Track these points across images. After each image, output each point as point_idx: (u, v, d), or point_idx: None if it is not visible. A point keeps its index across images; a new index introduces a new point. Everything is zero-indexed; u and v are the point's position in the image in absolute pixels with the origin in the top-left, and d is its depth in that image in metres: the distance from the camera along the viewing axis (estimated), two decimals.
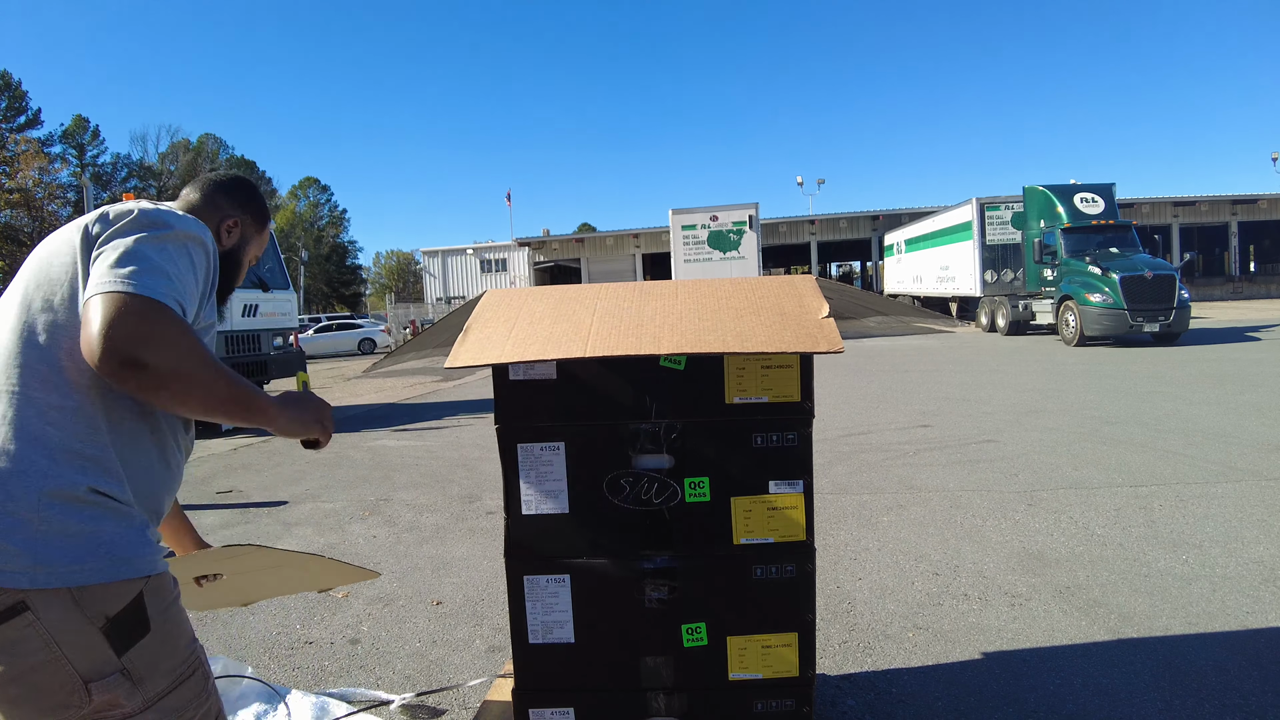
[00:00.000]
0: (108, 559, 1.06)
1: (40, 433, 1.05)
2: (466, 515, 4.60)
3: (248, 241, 1.46)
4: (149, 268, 1.07)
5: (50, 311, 1.11)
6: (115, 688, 1.05)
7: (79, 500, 1.05)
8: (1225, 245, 34.44)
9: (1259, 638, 2.57)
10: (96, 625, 1.04)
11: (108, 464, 1.09)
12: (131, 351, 1.00)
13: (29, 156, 38.07)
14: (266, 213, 1.52)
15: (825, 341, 1.36)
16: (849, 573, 3.35)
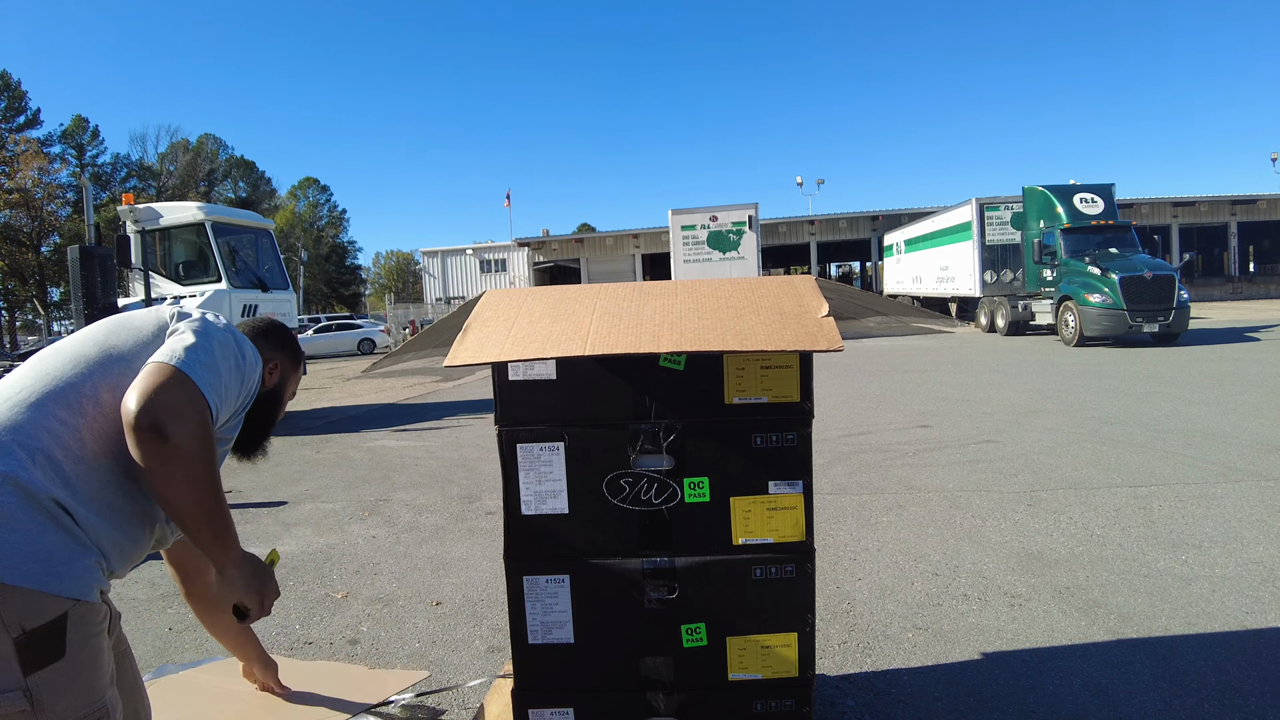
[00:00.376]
0: (43, 565, 1.03)
1: (33, 432, 1.10)
2: (466, 515, 4.60)
3: (286, 381, 1.66)
4: (207, 361, 1.21)
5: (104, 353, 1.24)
6: (13, 704, 1.00)
7: (37, 501, 1.06)
8: (1224, 245, 34.46)
9: (1258, 638, 2.57)
10: (11, 634, 1.00)
11: (79, 487, 1.11)
12: (163, 420, 1.09)
13: (28, 156, 38.04)
14: (300, 354, 1.71)
15: (825, 340, 1.36)
16: (848, 573, 3.35)
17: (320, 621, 3.08)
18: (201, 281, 8.91)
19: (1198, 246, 35.23)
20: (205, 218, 8.88)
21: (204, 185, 49.12)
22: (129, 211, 8.88)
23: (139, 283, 8.73)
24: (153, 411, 1.09)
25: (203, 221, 8.88)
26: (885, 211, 33.00)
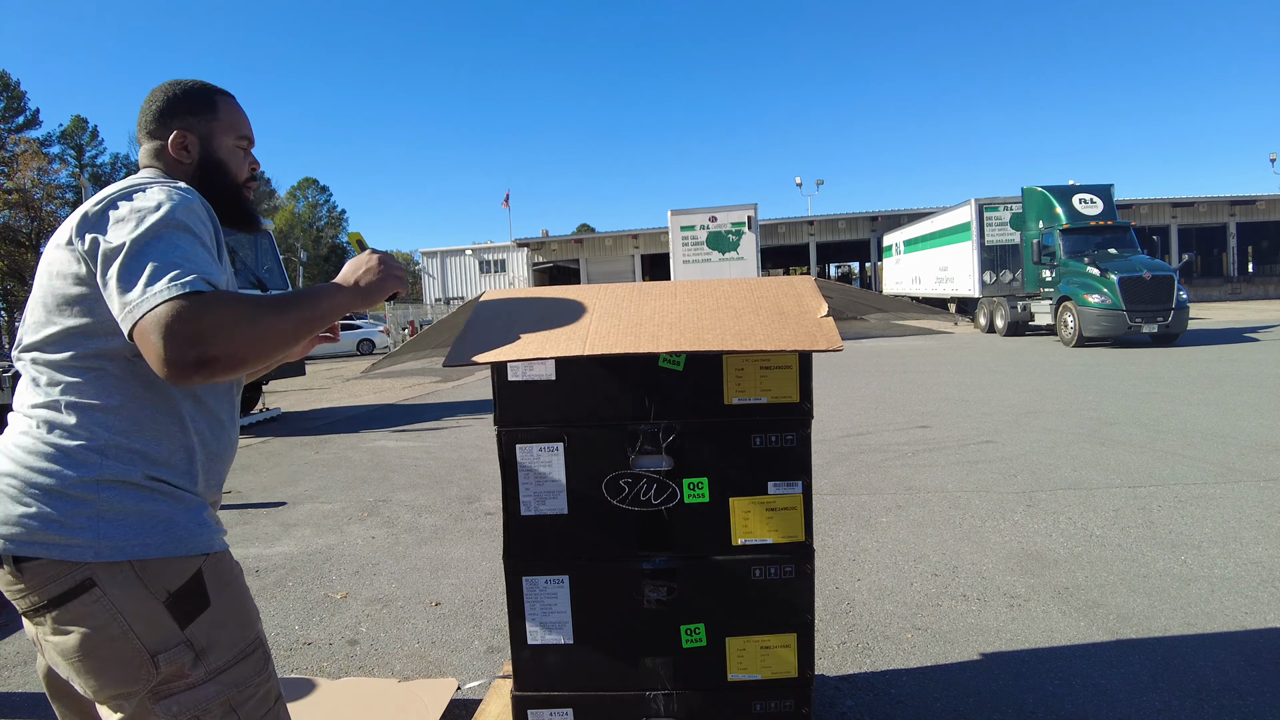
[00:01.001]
0: (165, 535, 1.12)
1: (89, 431, 1.11)
2: (465, 516, 4.60)
3: (211, 135, 1.34)
4: (161, 266, 1.04)
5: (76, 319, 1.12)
6: (180, 658, 1.11)
7: (134, 485, 1.11)
8: (1223, 246, 34.47)
9: (1257, 638, 2.58)
10: (159, 599, 1.11)
11: (156, 454, 1.14)
12: (194, 359, 1.01)
13: (28, 157, 37.99)
14: (203, 91, 1.36)
15: (824, 340, 1.35)
16: (848, 573, 3.35)
17: (320, 622, 3.08)
18: None
19: (1196, 247, 35.23)
20: None
21: None
22: None
23: None
24: (182, 365, 1.01)
25: None
26: (884, 212, 33.00)
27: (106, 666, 1.09)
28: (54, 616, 1.09)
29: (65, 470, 1.09)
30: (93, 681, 1.10)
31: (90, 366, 1.12)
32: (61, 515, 1.07)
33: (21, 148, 38.51)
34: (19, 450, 1.11)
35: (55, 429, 1.11)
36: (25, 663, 2.87)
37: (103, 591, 1.08)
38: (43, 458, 1.09)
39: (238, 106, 1.39)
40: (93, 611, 1.08)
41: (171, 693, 1.12)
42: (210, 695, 1.13)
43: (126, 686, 1.10)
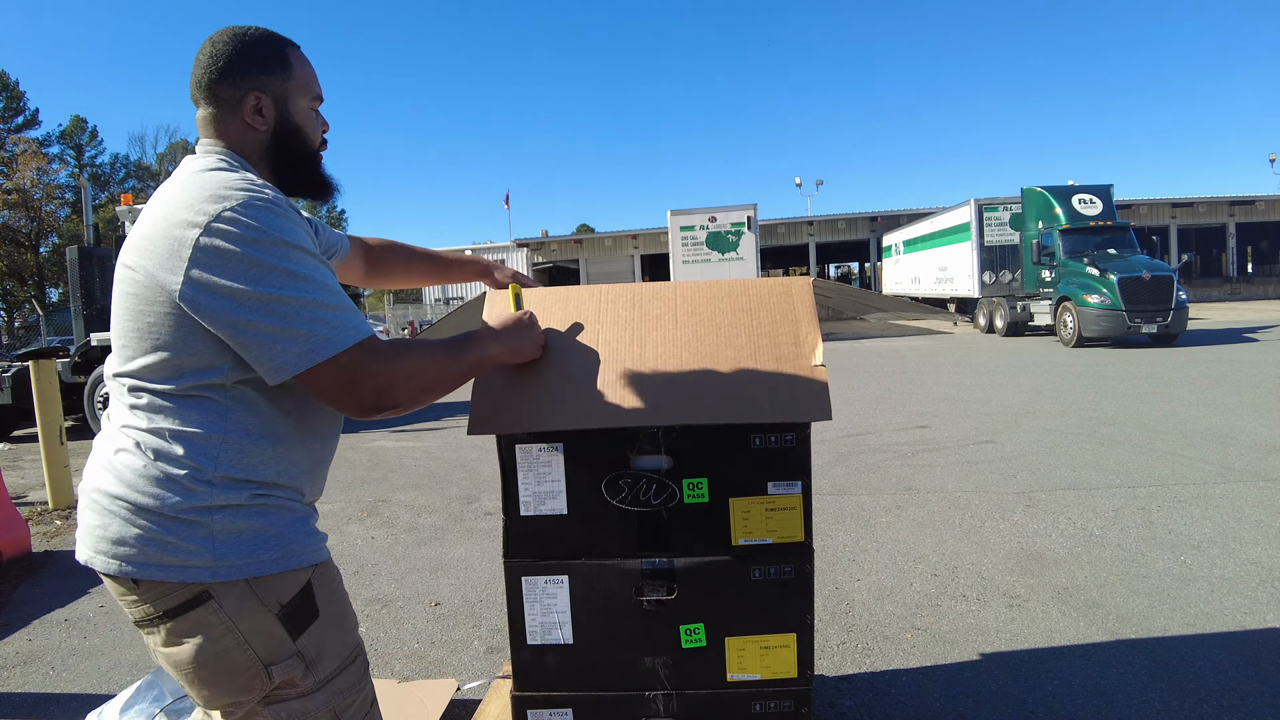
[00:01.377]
0: (279, 551, 1.13)
1: (196, 462, 1.08)
2: (465, 516, 4.60)
3: (287, 96, 1.22)
4: (322, 314, 1.05)
5: (176, 352, 1.08)
6: (292, 669, 1.13)
7: (244, 506, 1.11)
8: (1223, 246, 34.49)
9: (1256, 638, 2.58)
10: (272, 611, 1.12)
11: (262, 478, 1.13)
12: (387, 405, 1.11)
13: (27, 157, 37.97)
14: (275, 43, 1.23)
15: (819, 410, 1.41)
16: (847, 574, 3.35)
17: None
18: None
19: (1196, 247, 35.25)
20: None
21: None
22: (128, 212, 8.84)
23: None
24: (371, 410, 1.10)
25: None
26: (884, 212, 33.00)
27: (220, 677, 1.10)
28: (168, 628, 1.10)
29: (175, 497, 1.07)
30: (205, 691, 1.12)
31: (193, 396, 1.09)
32: (176, 538, 1.07)
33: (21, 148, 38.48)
34: (128, 472, 1.09)
35: (161, 457, 1.08)
36: (25, 663, 2.87)
37: (219, 605, 1.09)
38: (153, 482, 1.07)
39: (306, 59, 1.27)
40: (209, 624, 1.09)
41: (282, 699, 1.13)
42: (319, 704, 1.15)
43: (239, 696, 1.12)
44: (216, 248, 1.02)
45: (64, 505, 5.24)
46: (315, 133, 1.28)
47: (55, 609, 3.41)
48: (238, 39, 1.20)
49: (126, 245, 1.11)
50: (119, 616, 3.28)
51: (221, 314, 1.03)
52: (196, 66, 1.20)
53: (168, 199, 1.09)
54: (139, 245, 1.08)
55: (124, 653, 2.92)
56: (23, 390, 8.51)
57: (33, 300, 38.83)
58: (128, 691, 2.21)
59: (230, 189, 1.06)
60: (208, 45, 1.21)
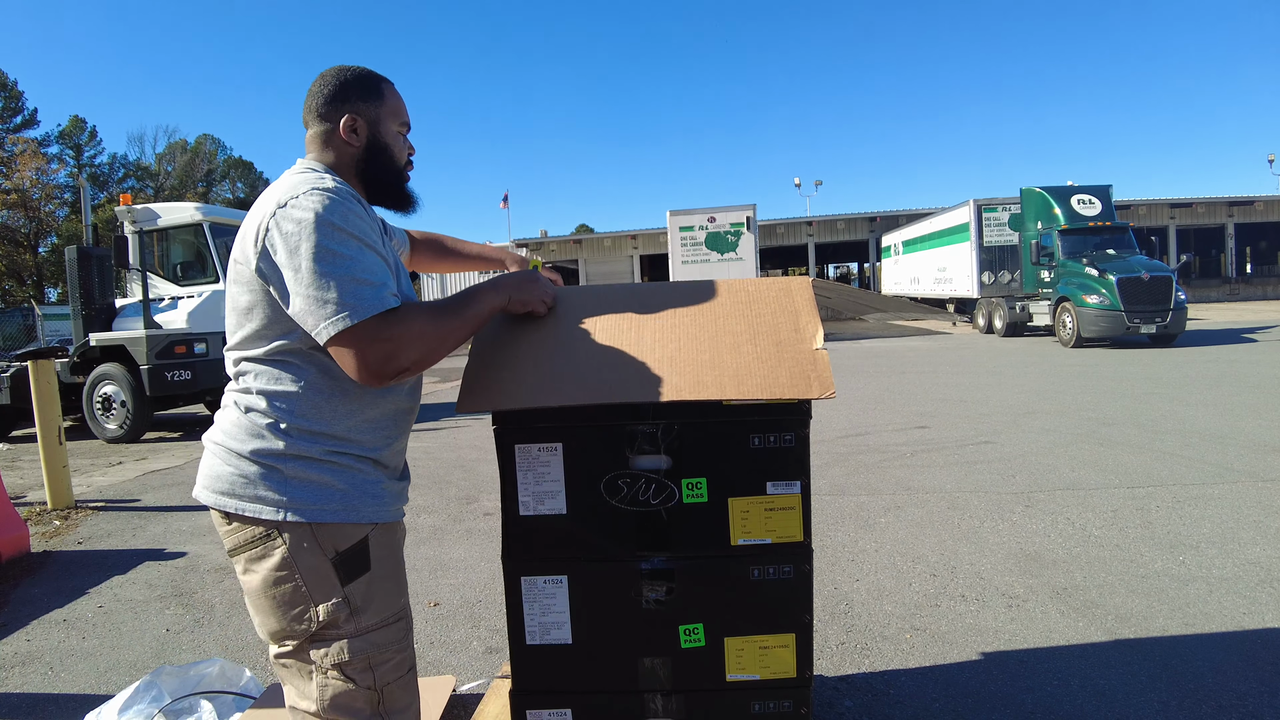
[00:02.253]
0: (341, 504, 1.28)
1: (275, 414, 1.27)
2: (464, 516, 4.60)
3: (379, 120, 1.42)
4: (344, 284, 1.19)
5: (258, 323, 1.29)
6: (338, 611, 1.28)
7: (315, 459, 1.28)
8: (1222, 247, 34.53)
9: (1255, 638, 2.58)
10: (328, 557, 1.27)
11: (334, 431, 1.29)
12: (392, 370, 1.22)
13: (26, 157, 37.95)
14: (370, 78, 1.43)
15: (819, 385, 1.39)
16: (846, 574, 3.35)
17: None
18: (199, 282, 8.87)
19: (1195, 248, 35.29)
20: (203, 218, 8.84)
21: (202, 186, 48.98)
22: (127, 212, 8.84)
23: (136, 283, 8.70)
24: (381, 376, 1.21)
25: (200, 222, 8.84)
26: (883, 213, 33.02)
27: (279, 606, 1.28)
28: (246, 557, 1.29)
29: (258, 443, 1.26)
30: (265, 619, 1.30)
31: (274, 359, 1.29)
32: (256, 479, 1.26)
33: (20, 148, 38.45)
34: (227, 423, 1.31)
35: (250, 410, 1.29)
36: (24, 663, 2.87)
37: (283, 540, 1.26)
38: (242, 431, 1.28)
39: (398, 93, 1.47)
40: (273, 555, 1.27)
41: (325, 639, 1.28)
42: (356, 650, 1.28)
43: (291, 626, 1.28)
44: (281, 228, 1.22)
45: (62, 505, 5.23)
46: (401, 153, 1.47)
47: (54, 609, 3.40)
48: (343, 72, 1.42)
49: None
50: (117, 617, 3.27)
51: (278, 284, 1.22)
52: (309, 95, 1.42)
53: (261, 198, 1.31)
54: (239, 239, 1.30)
55: (122, 653, 2.92)
56: (22, 390, 8.51)
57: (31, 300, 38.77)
58: (126, 692, 2.21)
59: (302, 184, 1.26)
60: (319, 77, 1.42)
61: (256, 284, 1.26)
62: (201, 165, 50.82)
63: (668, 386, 1.40)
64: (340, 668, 1.28)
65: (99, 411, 8.51)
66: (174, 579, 3.70)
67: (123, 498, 5.63)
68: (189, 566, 3.88)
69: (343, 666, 1.28)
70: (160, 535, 4.53)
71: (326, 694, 1.28)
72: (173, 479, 6.27)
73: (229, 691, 2.29)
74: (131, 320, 8.53)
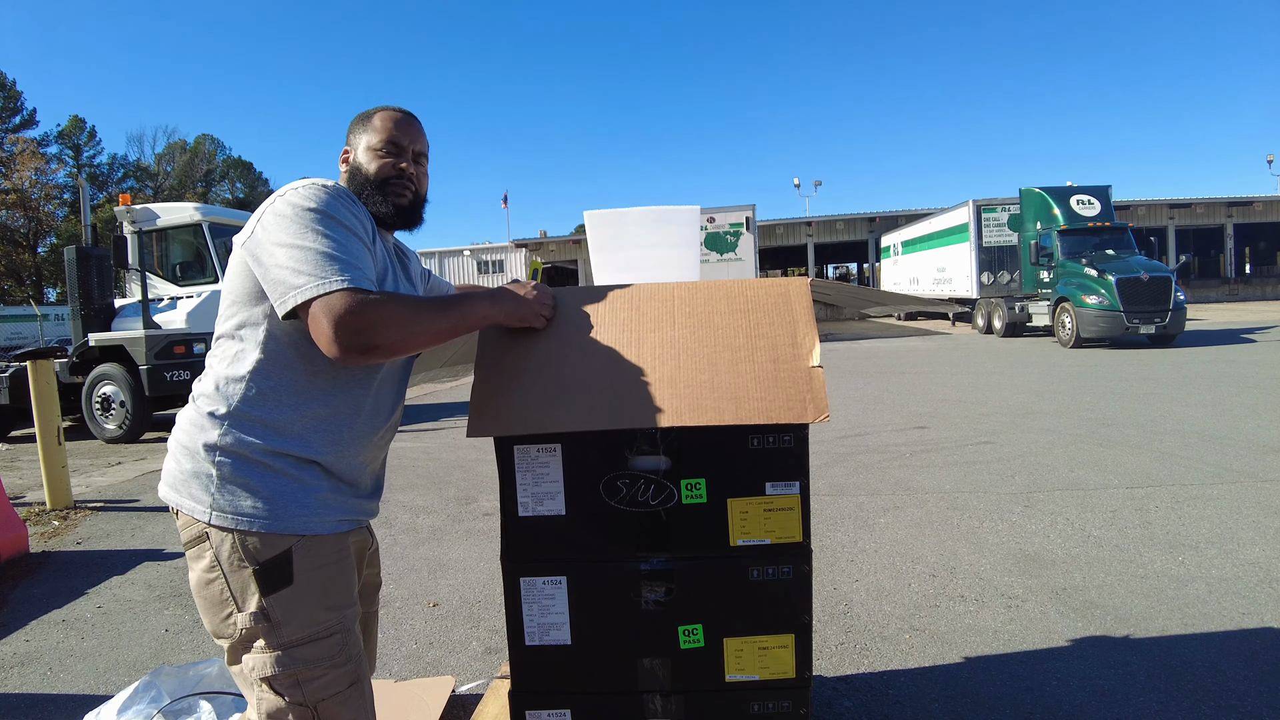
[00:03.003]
0: (267, 510, 1.26)
1: (218, 400, 1.28)
2: (463, 517, 4.59)
3: (356, 148, 1.49)
4: (325, 256, 1.21)
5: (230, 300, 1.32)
6: (256, 623, 1.25)
7: (250, 460, 1.26)
8: (1221, 247, 34.55)
9: (1254, 638, 2.58)
10: (250, 566, 1.25)
11: (278, 421, 1.28)
12: (361, 344, 1.19)
13: (25, 157, 37.92)
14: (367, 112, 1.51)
15: (814, 409, 1.40)
16: (846, 574, 3.35)
17: None
18: (198, 282, 8.87)
19: (1194, 248, 35.31)
20: (202, 218, 8.84)
21: (201, 186, 48.95)
22: (126, 212, 8.83)
23: (136, 283, 8.69)
24: (350, 347, 1.18)
25: (200, 222, 8.84)
26: (882, 213, 33.01)
27: (209, 606, 1.29)
28: (188, 552, 1.31)
29: (199, 436, 1.28)
30: (203, 617, 1.31)
31: (234, 334, 1.31)
32: (190, 477, 1.28)
33: (19, 147, 38.42)
34: (181, 416, 1.34)
35: (199, 398, 1.31)
36: (22, 664, 2.87)
37: (210, 545, 1.26)
38: (188, 422, 1.31)
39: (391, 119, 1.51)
40: (204, 557, 1.27)
41: (249, 649, 1.27)
42: (281, 664, 1.25)
43: (221, 629, 1.28)
44: (275, 208, 1.27)
45: (61, 506, 5.23)
46: (370, 166, 1.48)
47: (53, 610, 3.40)
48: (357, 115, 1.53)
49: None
50: (116, 618, 3.27)
51: (262, 257, 1.24)
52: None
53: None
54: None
55: (121, 653, 2.92)
56: (21, 390, 8.50)
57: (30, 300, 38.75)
58: (125, 692, 2.21)
59: (304, 181, 1.32)
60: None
61: (241, 263, 1.29)
62: (201, 165, 50.78)
63: (669, 411, 1.42)
64: (267, 681, 1.26)
65: (98, 412, 8.50)
66: (173, 579, 3.70)
67: (122, 498, 5.63)
68: (188, 567, 3.88)
69: (269, 680, 1.26)
70: (159, 535, 4.53)
71: (262, 707, 1.27)
72: None
73: (228, 692, 2.29)
74: (130, 320, 8.52)
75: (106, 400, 8.44)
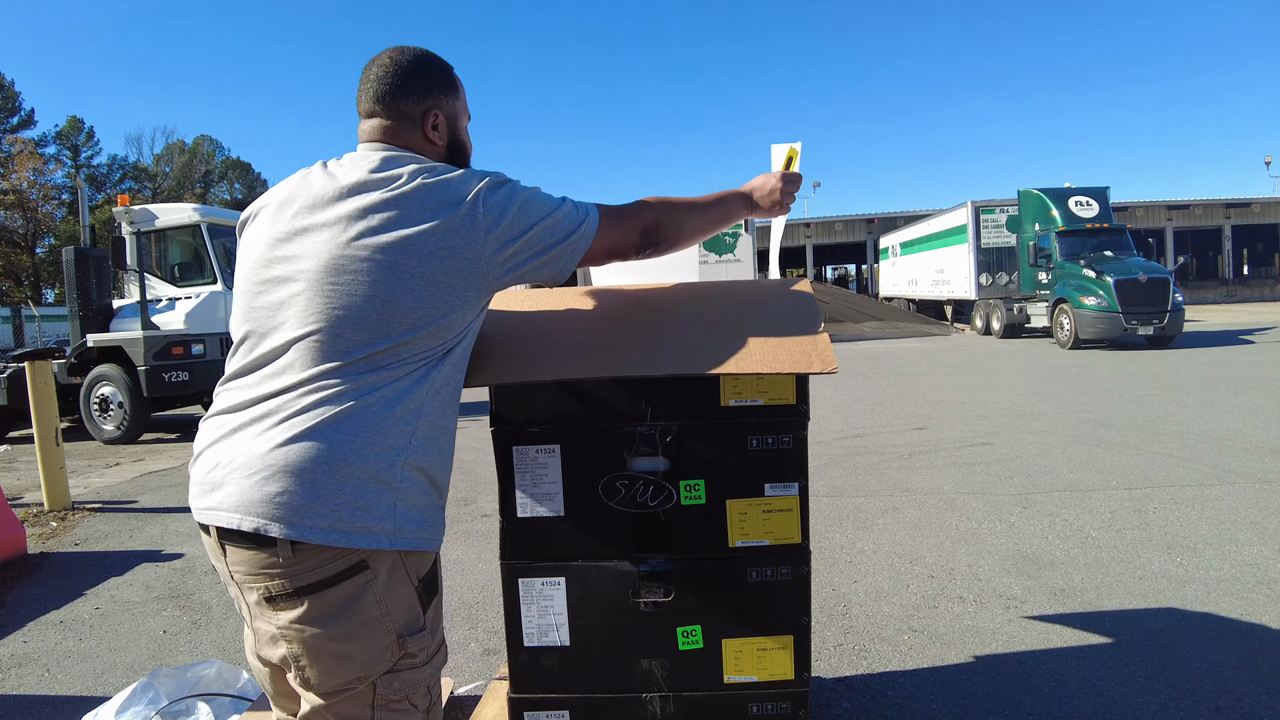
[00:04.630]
0: (430, 531, 1.18)
1: (387, 419, 1.12)
2: (462, 518, 4.59)
3: (456, 116, 1.32)
4: (561, 204, 1.33)
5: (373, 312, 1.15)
6: (420, 640, 1.17)
7: (419, 474, 1.15)
8: (1219, 249, 34.63)
9: (1253, 640, 2.58)
10: (414, 584, 1.16)
11: (424, 452, 1.17)
12: (651, 243, 1.39)
13: (23, 157, 37.88)
14: (448, 68, 1.31)
15: (819, 361, 1.35)
16: (844, 575, 3.35)
17: None
18: (197, 283, 8.86)
19: (1192, 249, 35.37)
20: (201, 219, 8.83)
21: (200, 187, 48.91)
22: (124, 213, 8.82)
23: (134, 284, 8.69)
24: (643, 249, 1.38)
25: (198, 223, 8.83)
26: (881, 214, 33.06)
27: (357, 651, 1.09)
28: (316, 599, 1.06)
29: (376, 461, 1.12)
30: (334, 667, 1.09)
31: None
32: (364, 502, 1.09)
33: (17, 148, 38.39)
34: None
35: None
36: (20, 665, 2.86)
37: (374, 574, 1.09)
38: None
39: (462, 83, 1.37)
40: (361, 593, 1.09)
41: (398, 669, 1.14)
42: (426, 676, 1.19)
43: (369, 670, 1.11)
44: (497, 194, 1.23)
45: (59, 507, 5.22)
46: (470, 151, 1.38)
47: (50, 611, 3.39)
48: (421, 59, 1.26)
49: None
50: (114, 619, 3.27)
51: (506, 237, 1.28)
52: (376, 80, 1.24)
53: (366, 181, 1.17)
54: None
55: (119, 655, 2.91)
56: (19, 391, 8.49)
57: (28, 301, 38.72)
58: (123, 694, 2.20)
59: (428, 165, 1.21)
60: (389, 61, 1.24)
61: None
62: (199, 166, 50.74)
63: (664, 364, 1.38)
64: (407, 697, 1.16)
65: (96, 413, 8.49)
66: (171, 580, 3.69)
67: (120, 499, 5.62)
68: (186, 568, 3.88)
69: (410, 695, 1.16)
70: (157, 537, 4.52)
71: None
72: (170, 480, 6.26)
73: (226, 694, 2.29)
74: (129, 321, 8.51)
75: (105, 401, 8.42)
